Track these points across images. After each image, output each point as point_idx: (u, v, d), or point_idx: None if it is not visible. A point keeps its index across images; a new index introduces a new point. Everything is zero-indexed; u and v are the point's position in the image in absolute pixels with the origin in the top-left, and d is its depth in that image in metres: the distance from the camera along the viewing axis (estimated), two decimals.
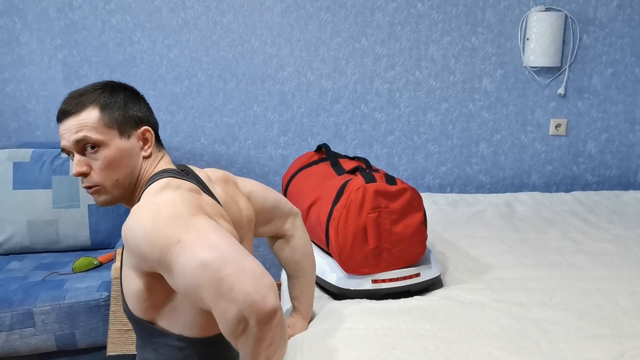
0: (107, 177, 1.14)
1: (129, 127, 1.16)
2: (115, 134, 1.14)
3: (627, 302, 1.59)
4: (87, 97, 1.14)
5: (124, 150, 1.14)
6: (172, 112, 2.65)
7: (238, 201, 1.29)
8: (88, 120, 1.12)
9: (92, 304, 1.79)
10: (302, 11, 2.59)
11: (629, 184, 2.85)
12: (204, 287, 0.91)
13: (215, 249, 0.93)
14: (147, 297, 1.09)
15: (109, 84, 1.18)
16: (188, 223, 0.97)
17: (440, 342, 1.36)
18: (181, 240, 0.94)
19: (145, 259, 1.00)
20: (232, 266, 0.91)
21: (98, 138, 1.12)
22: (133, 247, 1.00)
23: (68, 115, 1.13)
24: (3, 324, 1.73)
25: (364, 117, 2.71)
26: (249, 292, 0.89)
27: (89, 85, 1.18)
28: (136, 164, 1.17)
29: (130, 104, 1.17)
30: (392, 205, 1.64)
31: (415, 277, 1.68)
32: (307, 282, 1.51)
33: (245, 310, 0.89)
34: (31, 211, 2.14)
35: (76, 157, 1.13)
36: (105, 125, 1.13)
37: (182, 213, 0.99)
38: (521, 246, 2.04)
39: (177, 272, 0.95)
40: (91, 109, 1.13)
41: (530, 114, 2.75)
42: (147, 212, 1.00)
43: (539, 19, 2.57)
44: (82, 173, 1.13)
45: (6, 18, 2.49)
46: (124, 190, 1.17)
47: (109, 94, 1.15)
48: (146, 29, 2.55)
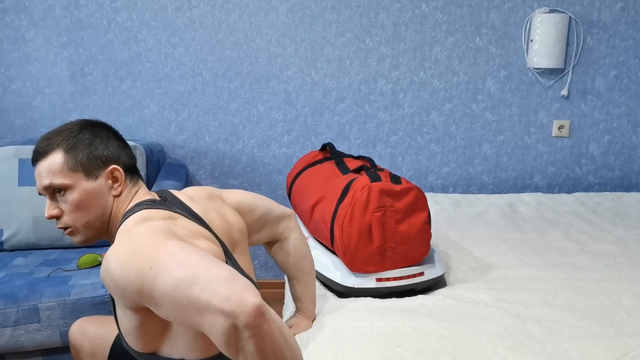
0: (77, 219, 1.15)
1: (95, 168, 1.16)
2: (81, 176, 1.14)
3: (630, 303, 1.60)
4: (53, 139, 1.15)
5: (90, 191, 1.15)
6: (176, 110, 2.66)
7: (225, 214, 1.29)
8: (53, 165, 1.13)
9: (97, 300, 1.79)
10: (307, 11, 2.59)
11: (631, 185, 2.86)
12: (185, 308, 0.91)
13: (185, 266, 0.92)
14: (143, 332, 1.09)
15: (79, 123, 1.19)
16: (156, 249, 0.97)
17: (445, 341, 1.37)
18: (152, 266, 0.95)
19: (126, 296, 1.00)
20: (204, 279, 0.90)
21: (63, 183, 1.13)
22: (113, 288, 1.01)
23: (37, 159, 1.16)
24: (8, 319, 1.74)
25: (368, 117, 2.72)
26: (227, 298, 0.87)
27: (62, 126, 1.19)
28: (106, 204, 1.17)
29: (96, 143, 1.17)
30: (397, 205, 1.65)
31: (419, 276, 1.69)
32: (307, 283, 1.51)
33: (230, 317, 0.86)
34: (36, 208, 2.15)
35: (47, 200, 1.16)
36: (70, 169, 1.14)
37: (149, 242, 0.99)
38: (524, 246, 2.05)
39: (157, 299, 0.95)
40: (56, 152, 1.14)
41: (534, 115, 2.75)
42: (116, 252, 1.00)
43: (543, 21, 2.58)
44: (52, 216, 1.15)
45: (12, 15, 2.50)
46: (97, 230, 1.18)
47: (75, 135, 1.16)
48: (152, 27, 2.56)
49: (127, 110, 2.64)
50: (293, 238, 1.50)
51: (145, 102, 2.64)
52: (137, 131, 2.66)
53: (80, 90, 2.60)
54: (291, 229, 1.50)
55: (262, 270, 2.91)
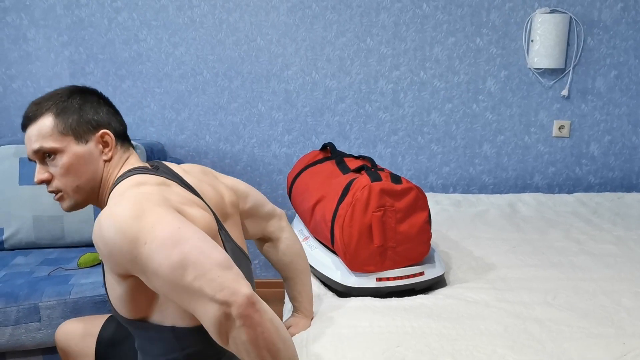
0: (67, 183, 1.15)
1: (86, 132, 1.16)
2: (71, 140, 1.14)
3: (630, 303, 1.60)
4: (43, 104, 1.15)
5: (80, 156, 1.15)
6: (177, 109, 2.66)
7: (218, 187, 1.29)
8: (43, 128, 1.13)
9: (98, 300, 1.79)
10: (307, 10, 2.60)
11: (631, 186, 2.86)
12: (178, 291, 0.92)
13: (180, 247, 0.93)
14: (132, 298, 1.09)
15: (68, 89, 1.19)
16: (152, 223, 0.97)
17: (445, 341, 1.37)
18: (147, 242, 0.95)
19: (117, 263, 1.00)
20: (198, 266, 0.91)
21: (53, 146, 1.13)
22: (104, 252, 1.01)
23: (27, 124, 1.15)
24: (9, 318, 1.74)
25: (368, 116, 2.72)
26: (220, 287, 0.89)
27: (48, 93, 1.18)
28: (96, 169, 1.17)
29: (86, 108, 1.17)
30: (398, 204, 1.65)
31: (420, 275, 1.69)
32: (303, 282, 1.51)
33: (223, 305, 0.88)
34: (37, 207, 2.15)
35: (37, 165, 1.16)
36: (60, 132, 1.13)
37: (146, 212, 0.99)
38: (524, 246, 2.05)
39: (149, 274, 0.95)
40: (46, 116, 1.14)
41: (534, 115, 2.76)
42: (110, 216, 0.99)
43: (544, 21, 2.58)
44: (42, 180, 1.15)
45: (13, 14, 2.50)
46: (87, 194, 1.17)
47: (64, 99, 1.16)
48: (152, 26, 2.56)
49: (128, 110, 2.64)
50: (285, 237, 1.50)
51: (146, 102, 2.64)
52: (137, 130, 2.66)
53: None
54: (282, 228, 1.49)
55: (262, 270, 2.91)
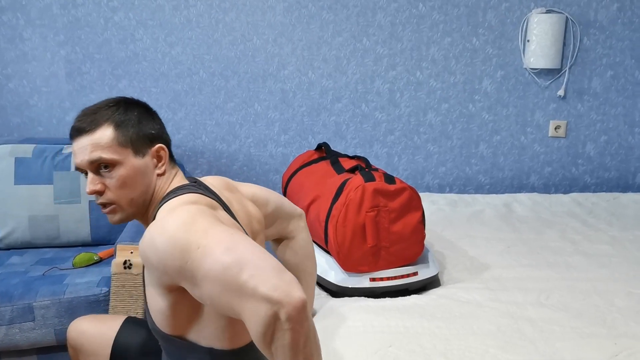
0: (122, 196, 1.13)
1: (143, 145, 1.15)
2: (130, 153, 1.12)
3: (623, 303, 1.60)
4: (101, 114, 1.12)
5: (138, 168, 1.13)
6: (173, 109, 2.66)
7: (245, 205, 1.29)
8: (102, 139, 1.10)
9: (92, 299, 1.80)
10: (304, 10, 2.60)
11: (627, 186, 2.86)
12: (229, 292, 0.91)
13: (235, 251, 0.93)
14: (173, 313, 1.08)
15: (122, 100, 1.17)
16: (205, 229, 0.97)
17: (437, 340, 1.37)
18: (200, 246, 0.94)
19: (166, 271, 0.99)
20: (253, 266, 0.90)
21: (112, 158, 1.11)
22: (153, 261, 1.00)
23: (82, 133, 1.12)
24: (3, 317, 1.74)
25: (365, 116, 2.72)
26: (275, 287, 0.88)
27: (102, 102, 1.16)
28: (150, 182, 1.16)
29: (144, 121, 1.16)
30: (391, 204, 1.65)
31: (413, 275, 1.70)
32: (307, 284, 1.52)
33: (275, 305, 0.87)
34: (32, 206, 2.15)
35: (90, 175, 1.12)
36: (120, 144, 1.11)
37: (199, 221, 0.99)
38: (519, 246, 2.05)
39: (200, 279, 0.94)
40: (105, 127, 1.11)
41: (530, 115, 2.76)
42: (164, 225, 0.99)
43: (540, 21, 2.58)
44: (96, 192, 1.12)
45: (9, 14, 2.50)
46: (138, 208, 1.16)
47: (123, 112, 1.14)
48: (149, 26, 2.57)
49: None
50: (301, 238, 1.49)
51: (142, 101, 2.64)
52: None
53: (78, 89, 2.60)
54: (301, 228, 1.49)
55: None
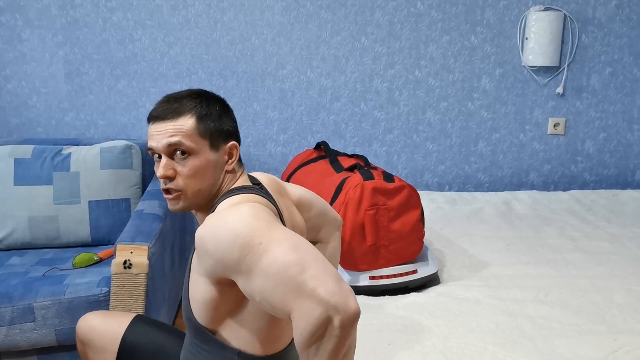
0: (191, 185, 1.14)
1: (219, 140, 1.16)
2: (206, 145, 1.14)
3: (622, 300, 1.61)
4: (185, 104, 1.14)
5: (211, 161, 1.15)
6: None
7: (293, 213, 1.30)
8: (184, 126, 1.12)
9: (92, 300, 1.79)
10: (302, 10, 2.60)
11: (626, 183, 2.86)
12: (285, 288, 0.92)
13: (297, 251, 0.94)
14: (214, 305, 1.09)
15: (204, 93, 1.19)
16: (269, 227, 0.99)
17: (436, 338, 1.37)
18: (263, 243, 0.96)
19: (222, 262, 1.00)
20: (314, 268, 0.92)
21: (191, 146, 1.12)
22: (211, 250, 1.01)
23: (165, 117, 1.13)
24: (3, 318, 1.74)
25: (364, 115, 2.73)
26: (334, 292, 0.90)
27: (184, 91, 1.18)
28: (219, 177, 1.17)
29: (223, 117, 1.18)
30: (390, 203, 1.65)
31: (413, 273, 1.70)
32: None
33: (331, 310, 0.89)
34: (32, 207, 2.16)
35: (164, 159, 1.13)
36: (200, 135, 1.13)
37: (262, 217, 1.01)
38: (518, 244, 2.06)
39: (257, 273, 0.95)
40: (189, 116, 1.13)
41: (529, 113, 2.76)
42: (227, 216, 1.01)
43: (538, 19, 2.58)
44: (167, 176, 1.13)
45: (8, 15, 2.50)
46: (202, 200, 1.17)
47: (206, 105, 1.16)
48: (147, 26, 2.57)
49: (123, 110, 2.65)
50: (332, 246, 1.49)
51: (141, 101, 2.65)
52: (133, 130, 2.67)
53: (76, 90, 2.61)
54: (335, 237, 1.49)
55: None
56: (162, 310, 2.02)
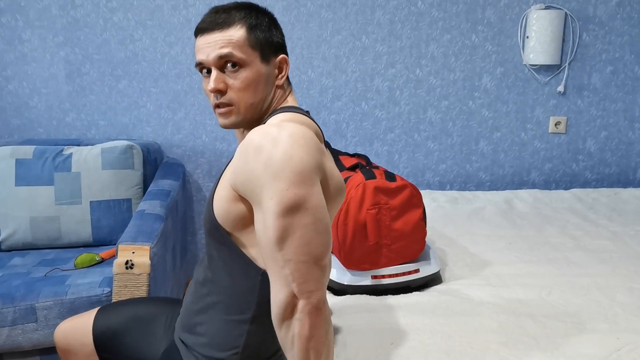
0: (243, 98, 1.10)
1: (270, 53, 1.12)
2: (257, 57, 1.10)
3: (624, 298, 1.61)
4: (234, 14, 1.10)
5: (262, 74, 1.11)
6: (173, 109, 2.66)
7: (333, 167, 1.22)
8: (234, 37, 1.08)
9: (94, 300, 1.80)
10: (302, 9, 2.60)
11: (628, 181, 2.86)
12: (269, 255, 0.96)
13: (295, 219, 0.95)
14: (238, 219, 1.06)
15: (252, 5, 1.15)
16: (311, 183, 0.96)
17: (439, 337, 1.37)
18: (290, 189, 0.94)
19: (247, 185, 0.98)
20: (298, 250, 0.95)
21: (242, 57, 1.08)
22: (242, 168, 0.99)
23: (214, 29, 1.09)
24: (5, 319, 1.75)
25: (365, 114, 2.72)
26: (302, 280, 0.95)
27: (232, 3, 1.14)
28: (270, 91, 1.13)
29: (273, 29, 1.14)
30: (392, 202, 1.65)
31: (415, 273, 1.70)
32: None
33: (295, 298, 0.95)
34: (33, 207, 2.16)
35: (214, 72, 1.09)
36: (250, 46, 1.09)
37: (309, 166, 0.97)
38: (520, 243, 2.05)
39: (266, 210, 0.95)
40: (239, 27, 1.09)
41: (530, 111, 2.76)
42: (280, 138, 0.97)
43: (539, 17, 2.58)
44: (219, 90, 1.09)
45: (8, 15, 2.50)
46: (254, 114, 1.13)
47: (255, 16, 1.12)
48: (148, 26, 2.57)
49: (124, 110, 2.65)
50: None
51: (142, 102, 2.65)
52: (134, 130, 2.67)
53: (77, 90, 2.61)
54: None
55: None
56: None
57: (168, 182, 2.30)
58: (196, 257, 2.85)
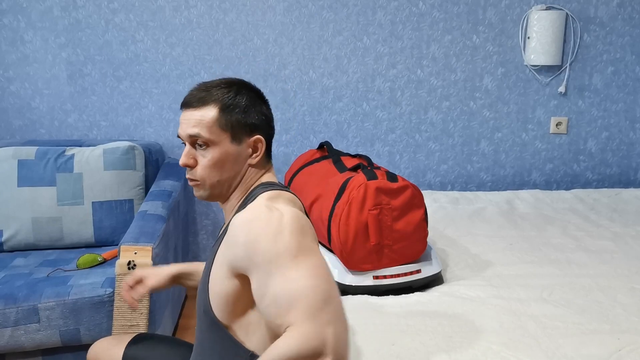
0: (209, 176, 1.15)
1: (242, 134, 1.16)
2: (227, 137, 1.14)
3: (626, 299, 1.61)
4: (211, 93, 1.14)
5: (230, 154, 1.15)
6: (175, 110, 2.66)
7: None
8: (205, 117, 1.12)
9: (97, 300, 1.80)
10: (304, 10, 2.60)
11: (629, 181, 2.86)
12: (302, 304, 0.92)
13: (328, 283, 0.96)
14: (234, 300, 1.08)
15: (237, 83, 1.18)
16: (309, 247, 1.00)
17: (440, 338, 1.37)
18: (298, 257, 0.97)
19: (249, 257, 1.00)
20: (335, 306, 0.94)
21: (209, 138, 1.12)
22: (242, 241, 1.01)
23: (189, 107, 1.15)
24: (8, 319, 1.75)
25: (366, 115, 2.73)
26: (341, 340, 0.92)
27: (218, 80, 1.18)
28: (240, 170, 1.17)
29: (251, 110, 1.16)
30: (394, 202, 1.65)
31: (416, 273, 1.70)
32: None
33: (328, 349, 0.90)
34: (36, 208, 2.16)
35: (186, 148, 1.16)
36: (220, 127, 1.13)
37: (306, 232, 1.02)
38: (521, 243, 2.06)
39: (280, 277, 0.96)
40: (212, 107, 1.13)
41: (531, 112, 2.76)
42: (271, 214, 1.02)
43: (540, 18, 2.58)
44: (187, 165, 1.15)
45: (10, 17, 2.51)
46: (222, 191, 1.18)
47: (233, 96, 1.15)
48: (149, 27, 2.57)
49: (126, 111, 2.65)
50: None
51: (144, 102, 2.65)
52: (135, 131, 2.67)
53: (79, 91, 2.61)
54: None
55: None
56: (166, 311, 2.03)
57: (170, 183, 2.30)
58: (197, 257, 2.86)
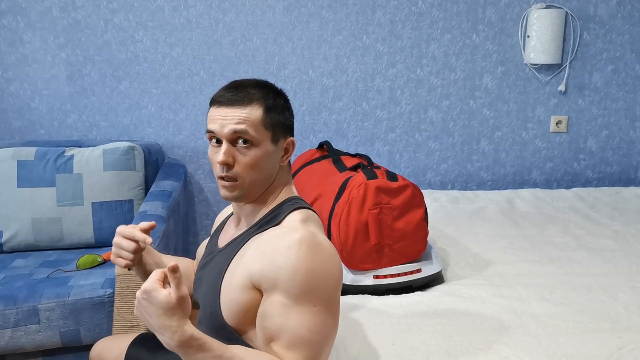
0: (249, 175, 1.13)
1: (280, 135, 1.16)
2: (269, 137, 1.13)
3: (627, 297, 1.60)
4: (254, 93, 1.13)
5: (270, 154, 1.14)
6: (174, 110, 2.66)
7: None
8: (252, 116, 1.11)
9: (97, 301, 1.80)
10: (303, 9, 2.60)
11: (629, 180, 2.86)
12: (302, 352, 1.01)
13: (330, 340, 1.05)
14: (248, 308, 1.08)
15: (269, 85, 1.18)
16: (336, 302, 1.07)
17: (440, 337, 1.37)
18: (322, 308, 1.03)
19: (275, 279, 1.03)
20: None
21: (255, 136, 1.11)
22: (278, 265, 1.03)
23: (232, 104, 1.12)
24: (8, 320, 1.75)
25: (366, 114, 2.73)
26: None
27: (250, 80, 1.17)
28: (274, 171, 1.17)
29: (287, 112, 1.18)
30: (394, 202, 1.65)
31: (417, 272, 1.70)
32: None
33: None
34: (35, 209, 2.16)
35: (225, 145, 1.11)
36: (264, 126, 1.12)
37: (339, 286, 1.07)
38: (522, 242, 2.05)
39: (298, 314, 1.01)
40: (257, 106, 1.12)
41: (531, 111, 2.76)
42: (318, 250, 1.05)
43: (540, 16, 2.58)
44: (227, 163, 1.11)
45: (9, 17, 2.51)
46: (257, 191, 1.16)
47: (273, 97, 1.15)
48: (148, 27, 2.57)
49: (125, 111, 2.65)
50: None
51: (143, 103, 2.65)
52: (135, 131, 2.67)
53: (79, 92, 2.61)
54: None
55: None
56: None
57: (169, 183, 2.30)
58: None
